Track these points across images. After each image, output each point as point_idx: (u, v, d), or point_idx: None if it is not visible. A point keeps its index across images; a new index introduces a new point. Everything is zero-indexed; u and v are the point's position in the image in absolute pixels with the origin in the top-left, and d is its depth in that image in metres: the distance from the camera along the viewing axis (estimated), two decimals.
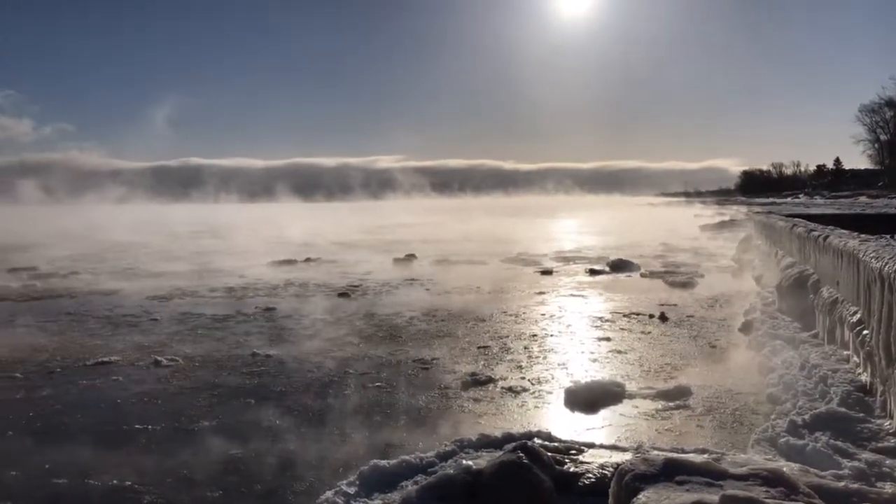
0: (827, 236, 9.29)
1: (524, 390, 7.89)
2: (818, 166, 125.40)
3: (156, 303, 14.92)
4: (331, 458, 5.92)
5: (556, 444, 5.49)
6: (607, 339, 10.50)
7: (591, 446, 5.54)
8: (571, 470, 4.92)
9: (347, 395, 7.81)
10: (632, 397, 7.52)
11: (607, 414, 7.08)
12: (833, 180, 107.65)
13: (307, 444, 6.28)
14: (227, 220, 61.76)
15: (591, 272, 19.67)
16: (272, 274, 20.27)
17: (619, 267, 20.16)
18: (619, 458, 5.01)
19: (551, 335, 10.98)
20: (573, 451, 5.31)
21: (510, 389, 7.91)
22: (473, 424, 6.72)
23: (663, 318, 12.12)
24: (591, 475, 4.82)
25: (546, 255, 25.77)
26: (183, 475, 5.60)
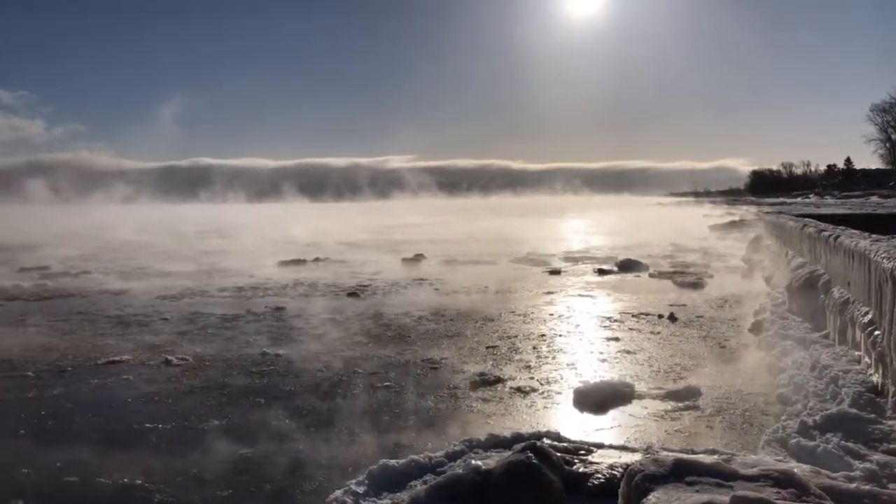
0: (838, 236, 9.23)
1: (533, 390, 7.88)
2: (829, 166, 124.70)
3: (166, 302, 14.99)
4: (340, 457, 5.94)
5: (565, 445, 5.48)
6: (616, 340, 10.48)
7: (600, 447, 5.53)
8: (581, 470, 4.92)
9: (356, 394, 7.82)
10: (641, 398, 7.50)
11: (616, 414, 7.07)
12: (844, 180, 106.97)
13: (316, 443, 6.30)
14: (236, 220, 61.94)
15: (600, 272, 19.63)
16: (281, 274, 20.33)
17: (628, 267, 20.11)
18: (628, 458, 5.00)
19: (560, 335, 10.96)
20: (582, 452, 5.30)
21: (519, 389, 7.91)
22: (482, 424, 6.72)
23: (672, 318, 12.08)
24: (600, 476, 4.81)
25: (554, 254, 25.73)
26: (193, 474, 5.63)
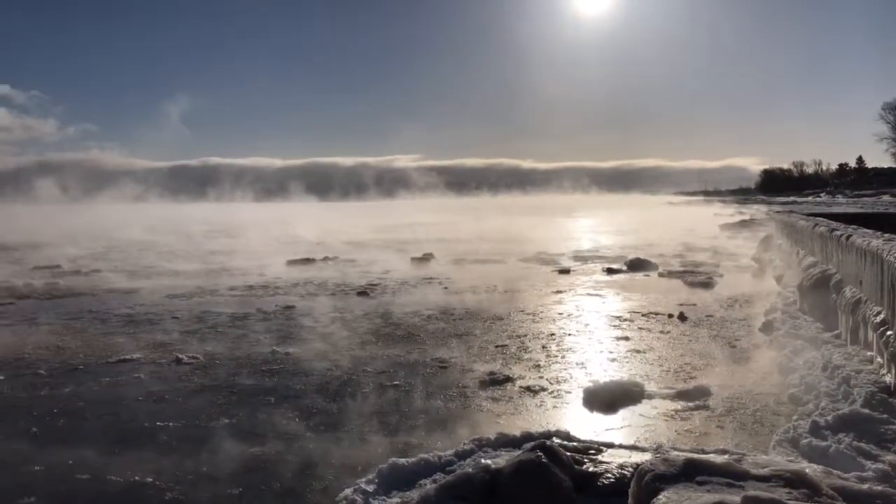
0: (850, 235, 9.18)
1: (542, 390, 7.87)
2: (840, 165, 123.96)
3: (176, 301, 15.06)
4: (349, 455, 5.95)
5: (574, 444, 5.48)
6: (626, 339, 10.45)
7: (610, 446, 5.52)
8: (590, 470, 4.91)
9: (366, 393, 7.83)
10: (651, 397, 7.48)
11: (626, 414, 7.05)
12: (856, 179, 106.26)
13: (326, 442, 6.31)
14: (244, 219, 62.19)
15: (609, 271, 19.59)
16: (290, 273, 20.39)
17: (637, 266, 20.05)
18: (638, 458, 4.99)
19: (569, 334, 10.94)
20: (592, 451, 5.30)
21: (528, 389, 7.90)
22: (492, 423, 6.71)
23: (682, 317, 12.03)
24: (610, 475, 4.80)
25: (564, 254, 25.69)
26: (203, 472, 5.65)
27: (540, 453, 4.77)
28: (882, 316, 6.88)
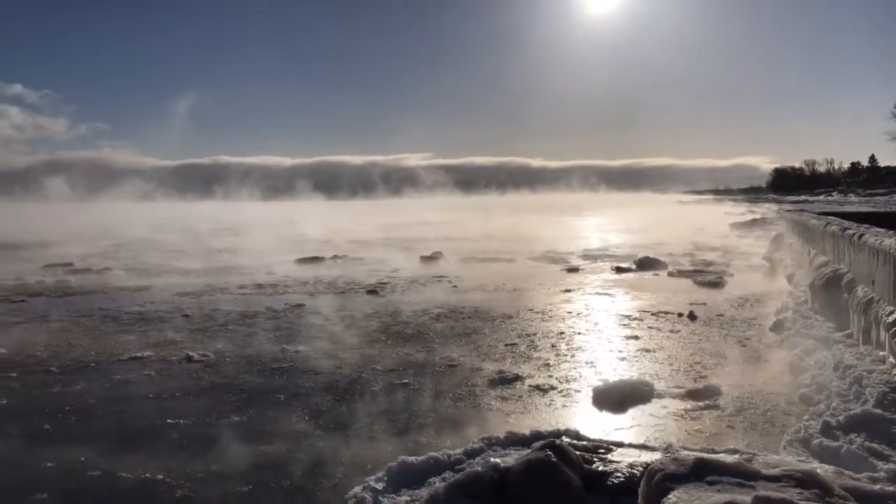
0: (862, 234, 9.11)
1: (552, 388, 7.86)
2: (852, 163, 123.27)
3: (186, 299, 15.13)
4: (359, 454, 5.96)
5: (584, 443, 5.47)
6: (635, 338, 10.41)
7: (619, 445, 5.51)
8: (600, 469, 4.90)
9: (375, 391, 7.85)
10: (661, 396, 7.46)
11: (636, 413, 7.03)
12: (868, 178, 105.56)
13: (335, 440, 6.33)
14: (254, 218, 62.36)
15: (618, 270, 19.54)
16: (300, 271, 20.44)
17: (647, 265, 19.99)
18: (648, 457, 4.97)
19: (578, 333, 10.92)
20: (602, 450, 5.28)
21: (538, 387, 7.89)
22: (501, 422, 6.71)
23: (692, 316, 11.99)
24: (619, 474, 4.79)
25: (573, 252, 25.63)
26: (213, 470, 5.68)
27: (549, 452, 4.76)
28: (894, 315, 6.83)
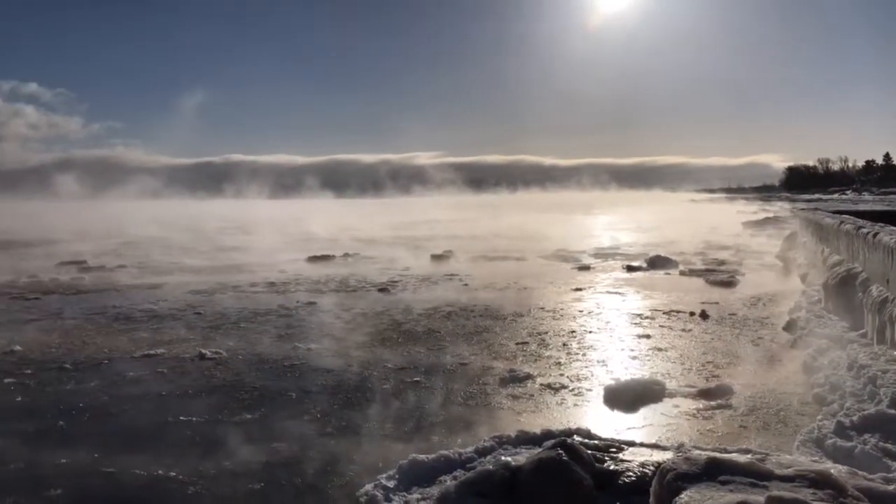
0: (877, 233, 9.04)
1: (563, 387, 7.84)
2: (867, 162, 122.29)
3: (199, 297, 15.21)
4: (370, 452, 5.97)
5: (595, 442, 5.46)
6: (647, 337, 10.38)
7: (631, 444, 5.50)
8: (611, 468, 4.89)
9: (386, 390, 7.86)
10: (672, 396, 7.43)
11: (647, 412, 7.00)
12: (882, 176, 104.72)
13: (346, 438, 6.35)
14: (265, 216, 62.57)
15: (629, 269, 19.47)
16: (312, 269, 20.50)
17: (658, 264, 19.91)
18: (659, 456, 4.96)
19: (590, 331, 10.90)
20: (613, 450, 5.27)
21: (549, 386, 7.88)
22: (512, 421, 6.71)
23: (704, 315, 11.93)
24: (631, 473, 4.78)
25: (584, 251, 25.56)
26: (225, 467, 5.71)
27: (560, 451, 4.76)
28: None
